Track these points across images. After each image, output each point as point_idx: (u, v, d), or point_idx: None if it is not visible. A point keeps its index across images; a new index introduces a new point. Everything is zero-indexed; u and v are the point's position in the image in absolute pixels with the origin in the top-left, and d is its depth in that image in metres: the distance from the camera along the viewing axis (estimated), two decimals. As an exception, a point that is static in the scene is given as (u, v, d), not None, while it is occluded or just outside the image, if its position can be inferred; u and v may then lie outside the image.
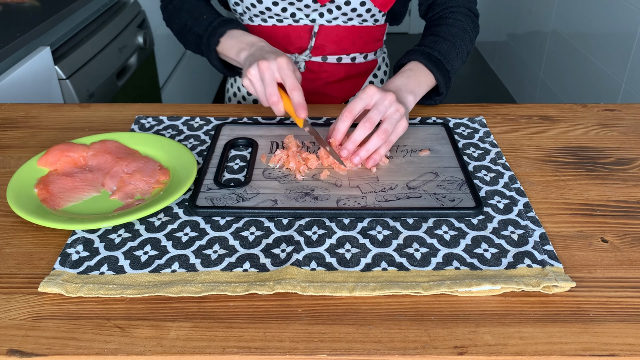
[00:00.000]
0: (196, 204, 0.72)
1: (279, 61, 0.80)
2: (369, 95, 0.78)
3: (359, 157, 0.78)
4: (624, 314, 0.58)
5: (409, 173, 0.79)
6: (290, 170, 0.79)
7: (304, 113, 0.80)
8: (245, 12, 1.03)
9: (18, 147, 0.88)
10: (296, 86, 0.80)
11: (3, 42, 1.19)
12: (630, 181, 0.79)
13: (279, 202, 0.73)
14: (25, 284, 0.61)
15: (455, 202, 0.72)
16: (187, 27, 0.99)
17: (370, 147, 0.77)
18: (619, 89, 2.04)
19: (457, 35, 0.96)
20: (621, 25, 2.01)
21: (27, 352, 0.53)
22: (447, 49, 0.93)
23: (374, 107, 0.78)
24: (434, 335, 0.55)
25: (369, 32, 1.05)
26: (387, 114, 0.78)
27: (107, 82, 1.55)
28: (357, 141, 0.78)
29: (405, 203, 0.72)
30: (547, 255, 0.64)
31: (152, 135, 0.86)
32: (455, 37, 0.95)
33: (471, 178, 0.77)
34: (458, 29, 0.97)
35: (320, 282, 0.61)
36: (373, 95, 0.78)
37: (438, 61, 0.91)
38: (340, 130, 0.78)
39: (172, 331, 0.56)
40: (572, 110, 0.99)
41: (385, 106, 0.78)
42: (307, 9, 0.99)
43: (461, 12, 0.99)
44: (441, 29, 0.97)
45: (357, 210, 0.71)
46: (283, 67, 0.80)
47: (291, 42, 1.04)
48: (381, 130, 0.77)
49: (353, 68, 1.08)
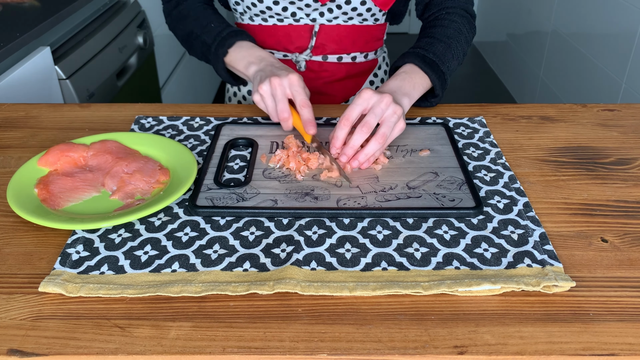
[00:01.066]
0: (196, 204, 0.72)
1: (290, 78, 0.82)
2: (365, 100, 0.79)
3: (357, 161, 0.79)
4: (624, 314, 0.58)
5: (409, 173, 0.79)
6: (290, 170, 0.80)
7: (313, 130, 0.82)
8: (246, 11, 1.03)
9: (18, 147, 0.88)
10: (306, 103, 0.82)
11: (3, 42, 1.20)
12: (630, 181, 0.79)
13: (279, 202, 0.73)
14: (26, 284, 0.61)
15: (455, 202, 0.72)
16: (194, 34, 0.99)
17: (369, 151, 0.78)
18: (619, 89, 2.04)
19: (453, 36, 0.96)
20: (621, 25, 2.01)
21: (27, 352, 0.53)
22: (442, 51, 0.93)
23: (370, 111, 0.78)
24: (434, 335, 0.55)
25: (369, 31, 1.05)
26: (385, 116, 0.78)
27: (107, 82, 1.55)
28: (355, 147, 0.78)
29: (405, 203, 0.72)
30: (547, 255, 0.64)
31: (152, 135, 0.86)
32: (450, 38, 0.96)
33: (471, 178, 0.77)
34: (454, 30, 0.97)
35: (320, 281, 0.61)
36: (369, 99, 0.79)
37: (433, 63, 0.91)
38: (340, 138, 0.79)
39: (172, 331, 0.56)
40: (572, 110, 0.99)
41: (381, 109, 0.78)
42: (308, 8, 0.99)
43: (457, 13, 0.99)
44: (436, 30, 0.97)
45: (357, 210, 0.71)
46: (294, 84, 0.82)
47: (292, 41, 1.04)
48: (379, 134, 0.78)
49: (354, 67, 1.08)
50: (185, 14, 1.02)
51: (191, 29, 1.00)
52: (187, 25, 1.01)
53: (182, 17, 1.02)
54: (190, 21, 1.01)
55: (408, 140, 0.87)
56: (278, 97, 0.83)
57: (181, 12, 1.03)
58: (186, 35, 1.02)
